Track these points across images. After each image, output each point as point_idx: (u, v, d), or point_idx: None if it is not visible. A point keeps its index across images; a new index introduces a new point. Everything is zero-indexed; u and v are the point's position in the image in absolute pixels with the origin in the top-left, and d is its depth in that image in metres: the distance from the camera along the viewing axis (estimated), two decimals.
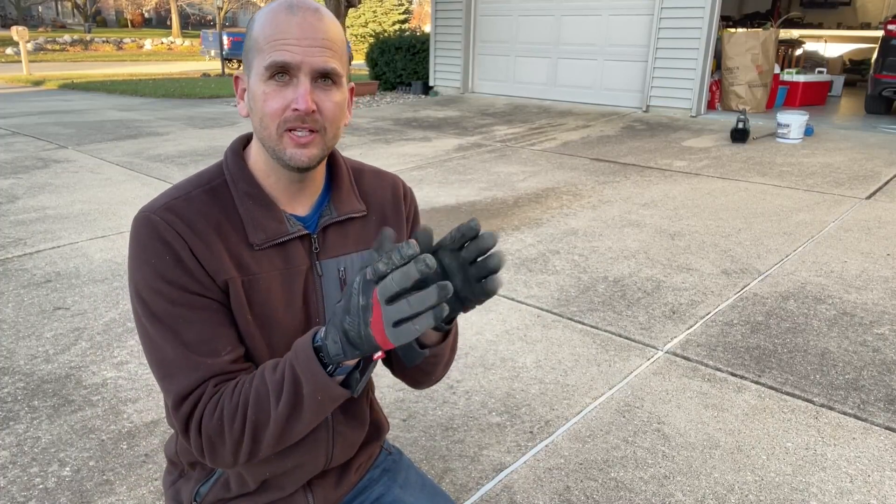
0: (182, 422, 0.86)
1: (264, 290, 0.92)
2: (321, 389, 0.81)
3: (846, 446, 1.88)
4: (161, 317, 0.87)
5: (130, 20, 38.48)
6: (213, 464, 0.88)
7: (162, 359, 0.88)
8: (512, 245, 3.53)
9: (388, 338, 0.72)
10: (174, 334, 0.87)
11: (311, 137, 0.88)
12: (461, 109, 8.80)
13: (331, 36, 0.88)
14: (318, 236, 0.98)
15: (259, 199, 0.94)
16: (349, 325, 0.75)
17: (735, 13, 12.45)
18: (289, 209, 0.96)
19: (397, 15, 25.79)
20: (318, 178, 0.99)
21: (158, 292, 0.87)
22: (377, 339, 0.73)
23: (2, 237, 3.57)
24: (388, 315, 0.71)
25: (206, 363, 0.86)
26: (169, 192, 0.93)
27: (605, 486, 1.70)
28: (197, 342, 0.87)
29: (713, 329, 2.59)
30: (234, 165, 0.96)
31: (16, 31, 14.27)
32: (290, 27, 0.85)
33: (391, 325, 0.71)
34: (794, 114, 6.22)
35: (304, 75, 0.86)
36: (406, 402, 2.08)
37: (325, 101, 0.88)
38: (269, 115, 0.87)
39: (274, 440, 0.85)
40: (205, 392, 0.86)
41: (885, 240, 3.61)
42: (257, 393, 0.84)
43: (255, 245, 0.92)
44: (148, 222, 0.89)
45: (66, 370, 2.24)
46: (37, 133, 6.79)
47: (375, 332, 0.72)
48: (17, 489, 1.67)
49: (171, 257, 0.87)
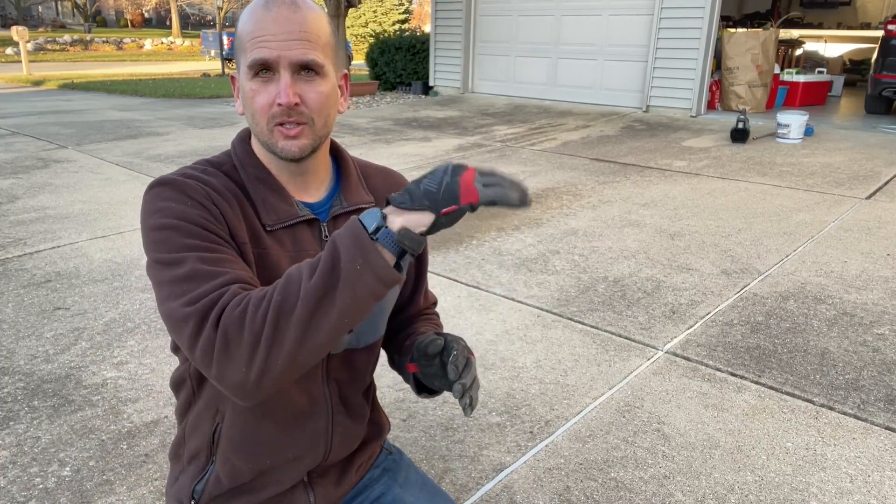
0: (198, 316, 0.76)
1: (273, 267, 0.93)
2: (363, 253, 0.74)
3: (846, 446, 1.88)
4: (178, 247, 0.82)
5: (130, 20, 38.48)
6: (220, 377, 0.76)
7: (174, 276, 0.80)
8: (512, 245, 3.53)
9: (477, 188, 0.75)
10: (191, 256, 0.81)
11: (299, 129, 0.90)
12: (461, 109, 8.80)
13: (308, 27, 0.88)
14: (329, 224, 0.99)
15: (269, 183, 0.96)
16: (428, 183, 0.77)
17: (735, 13, 12.44)
18: (297, 197, 0.99)
19: (397, 15, 25.79)
20: (321, 168, 1.01)
21: (177, 229, 0.83)
22: (462, 188, 0.75)
23: (2, 237, 3.57)
24: (481, 178, 0.76)
25: (229, 271, 0.81)
26: (182, 169, 0.94)
27: (605, 486, 1.70)
28: (218, 260, 0.82)
29: (713, 329, 2.59)
30: (242, 151, 0.98)
31: (16, 31, 14.27)
32: (266, 23, 0.87)
33: (482, 184, 0.75)
34: (794, 114, 6.22)
35: (283, 69, 0.87)
36: (406, 402, 2.08)
37: (308, 93, 0.89)
38: (257, 111, 0.90)
39: (298, 333, 0.74)
40: (228, 290, 0.78)
41: (885, 240, 3.61)
42: (287, 278, 0.77)
43: (266, 226, 0.94)
44: (168, 181, 0.88)
45: (66, 370, 2.24)
46: (37, 133, 6.79)
47: (463, 183, 0.75)
48: (17, 489, 1.67)
49: (195, 203, 0.86)
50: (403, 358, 1.10)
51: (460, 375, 0.92)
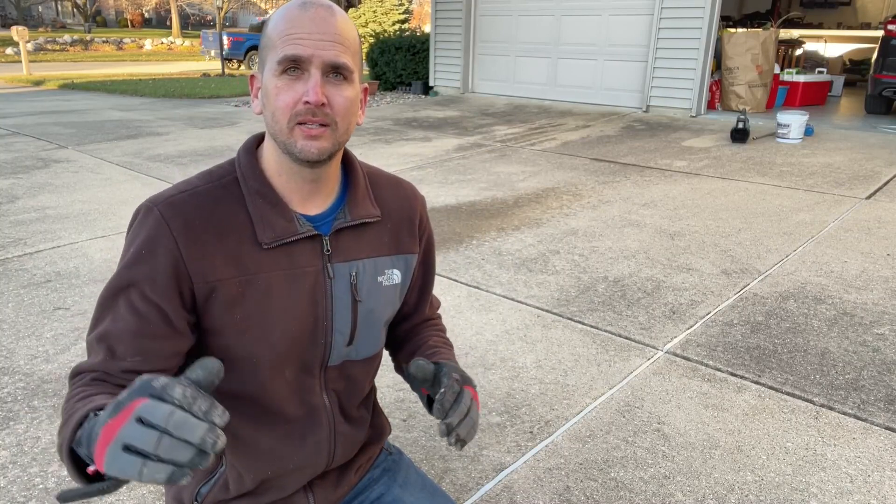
0: (70, 376, 0.91)
1: (264, 290, 0.92)
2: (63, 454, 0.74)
3: (846, 446, 1.88)
4: (110, 297, 0.90)
5: (130, 20, 38.47)
6: None
7: (90, 329, 0.92)
8: (512, 245, 3.53)
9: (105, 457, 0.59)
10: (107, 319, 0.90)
11: (321, 130, 0.88)
12: (461, 109, 8.80)
13: (342, 32, 0.88)
14: (331, 239, 0.97)
15: (269, 198, 0.94)
16: None
17: (735, 13, 12.45)
18: (300, 209, 0.96)
19: (397, 15, 25.76)
20: (332, 178, 0.98)
21: (119, 277, 0.89)
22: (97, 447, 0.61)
23: (2, 237, 3.57)
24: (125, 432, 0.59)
25: (101, 360, 0.88)
26: (177, 186, 0.94)
27: (605, 486, 1.70)
28: (115, 337, 0.89)
29: (713, 329, 2.59)
30: (245, 163, 0.96)
31: (16, 31, 14.27)
32: (302, 22, 0.86)
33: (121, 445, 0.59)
34: (794, 114, 6.22)
35: (314, 68, 0.86)
36: (406, 402, 2.08)
37: (335, 96, 0.88)
38: (280, 108, 0.87)
39: None
40: (83, 379, 0.88)
41: (885, 240, 3.61)
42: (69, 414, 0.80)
43: (263, 244, 0.92)
44: (147, 213, 0.90)
45: (66, 370, 2.24)
46: (37, 133, 6.79)
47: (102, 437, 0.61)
48: (17, 489, 1.67)
49: (148, 253, 0.88)
50: None
51: (446, 414, 0.89)
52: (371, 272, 1.01)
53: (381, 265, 1.02)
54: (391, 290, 1.05)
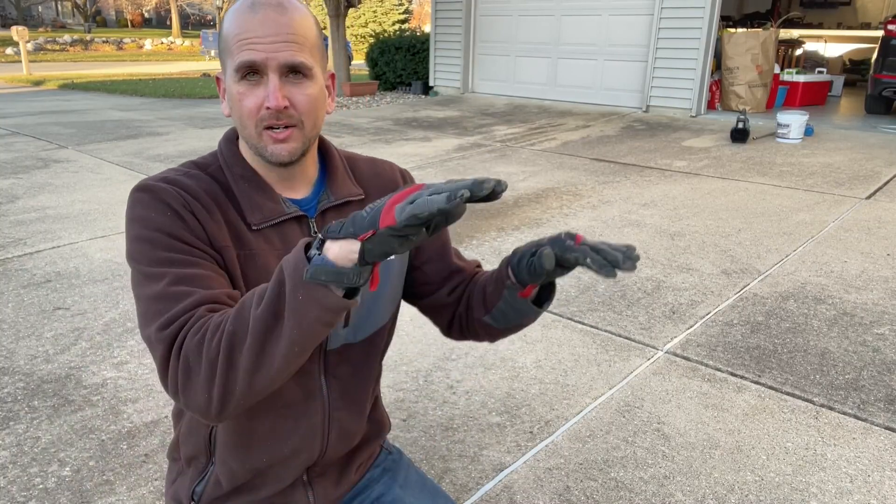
0: (165, 343, 0.80)
1: (262, 267, 0.93)
2: (302, 285, 0.73)
3: (846, 446, 1.88)
4: (155, 261, 0.85)
5: (130, 20, 38.48)
6: (187, 404, 0.80)
7: (151, 294, 0.83)
8: (512, 245, 3.53)
9: (395, 210, 0.66)
10: (168, 272, 0.83)
11: (288, 133, 0.89)
12: (461, 109, 8.80)
13: (296, 29, 0.88)
14: (317, 220, 0.98)
15: (254, 182, 0.95)
16: (367, 208, 0.71)
17: (735, 13, 12.44)
18: (284, 193, 0.97)
19: (397, 15, 25.79)
20: (309, 166, 1.00)
21: (155, 242, 0.85)
22: (384, 211, 0.67)
23: (2, 237, 3.57)
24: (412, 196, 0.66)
25: (200, 291, 0.83)
26: (165, 172, 0.95)
27: (605, 486, 1.70)
28: (191, 277, 0.84)
29: (713, 329, 2.59)
30: (227, 151, 0.97)
31: (16, 31, 14.27)
32: (253, 25, 0.86)
33: (409, 202, 0.66)
34: (794, 114, 6.22)
35: (272, 72, 0.86)
36: (406, 402, 2.08)
37: (297, 95, 0.88)
38: (245, 114, 0.88)
39: (250, 362, 0.75)
40: (194, 315, 0.81)
41: (885, 240, 3.61)
42: (241, 304, 0.78)
43: (252, 225, 0.93)
44: (148, 188, 0.89)
45: (66, 370, 2.24)
46: (37, 133, 6.79)
47: (387, 206, 0.68)
48: (17, 489, 1.67)
49: (172, 213, 0.87)
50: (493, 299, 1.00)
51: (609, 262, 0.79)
52: None
53: None
54: (382, 266, 1.04)
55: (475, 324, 1.06)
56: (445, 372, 2.26)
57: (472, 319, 1.07)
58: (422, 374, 2.25)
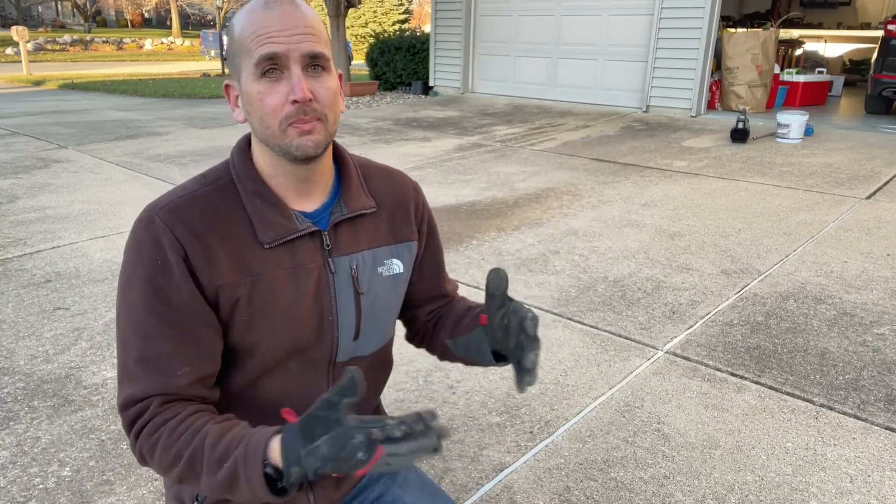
0: (125, 423, 0.89)
1: (268, 290, 0.92)
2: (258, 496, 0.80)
3: (846, 446, 1.88)
4: (134, 319, 0.88)
5: (130, 20, 38.47)
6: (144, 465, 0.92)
7: (123, 358, 0.89)
8: (512, 245, 3.53)
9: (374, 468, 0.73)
10: (139, 341, 0.88)
11: (314, 124, 0.87)
12: (461, 109, 8.80)
13: (311, 23, 0.88)
14: (330, 233, 0.97)
15: (267, 197, 0.93)
16: (332, 468, 0.74)
17: (735, 13, 12.44)
18: (297, 206, 0.96)
19: (397, 15, 25.79)
20: (325, 173, 0.98)
21: (140, 294, 0.87)
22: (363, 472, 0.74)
23: (2, 237, 3.57)
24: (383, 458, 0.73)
25: (159, 380, 0.87)
26: (174, 191, 0.93)
27: (605, 486, 1.70)
28: (157, 356, 0.87)
29: (713, 329, 2.59)
30: (240, 164, 0.95)
31: (16, 31, 14.27)
32: (270, 21, 0.85)
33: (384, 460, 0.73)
34: (794, 114, 6.22)
35: (294, 64, 0.85)
36: (406, 403, 2.08)
37: (319, 89, 0.87)
38: (268, 113, 0.86)
39: (197, 488, 0.88)
40: (150, 406, 0.87)
41: (885, 240, 3.61)
42: (192, 457, 0.83)
43: (265, 244, 0.92)
44: (149, 223, 0.89)
45: (66, 370, 2.24)
46: (37, 133, 6.79)
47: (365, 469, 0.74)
48: (17, 489, 1.67)
49: (163, 263, 0.87)
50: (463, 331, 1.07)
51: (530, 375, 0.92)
52: (370, 264, 1.01)
53: (379, 256, 1.02)
54: (391, 280, 1.04)
55: (436, 341, 1.14)
56: (445, 372, 2.26)
57: (436, 337, 1.14)
58: (422, 374, 2.25)
